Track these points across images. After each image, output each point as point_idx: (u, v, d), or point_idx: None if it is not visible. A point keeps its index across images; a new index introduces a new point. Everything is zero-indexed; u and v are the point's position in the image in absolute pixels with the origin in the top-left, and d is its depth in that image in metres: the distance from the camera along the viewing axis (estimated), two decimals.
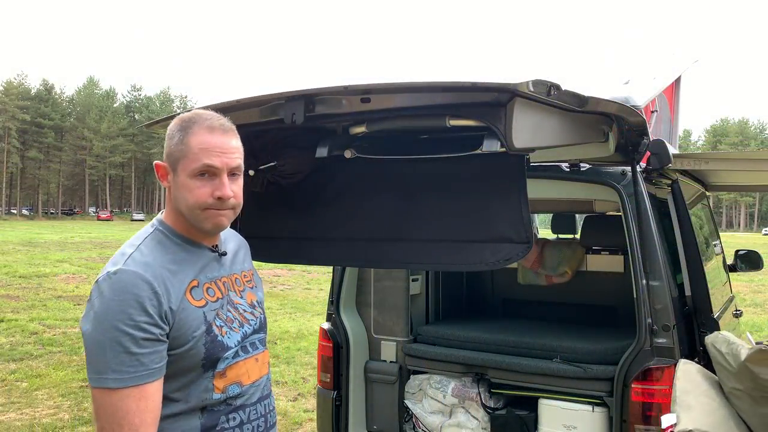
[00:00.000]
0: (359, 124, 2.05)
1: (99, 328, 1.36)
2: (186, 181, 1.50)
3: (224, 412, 1.53)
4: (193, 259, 1.55)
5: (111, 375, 1.34)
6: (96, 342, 1.36)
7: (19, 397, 5.87)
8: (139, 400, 1.35)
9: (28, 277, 14.80)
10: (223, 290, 1.60)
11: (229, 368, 1.54)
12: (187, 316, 1.46)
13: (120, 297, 1.37)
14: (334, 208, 2.41)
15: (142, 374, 1.36)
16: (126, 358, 1.34)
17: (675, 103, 4.29)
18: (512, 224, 2.02)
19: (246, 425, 1.58)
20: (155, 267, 1.45)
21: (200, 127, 1.50)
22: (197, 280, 1.53)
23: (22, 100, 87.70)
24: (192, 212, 1.52)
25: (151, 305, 1.38)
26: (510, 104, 1.72)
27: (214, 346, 1.49)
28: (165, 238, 1.54)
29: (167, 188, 1.56)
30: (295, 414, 5.59)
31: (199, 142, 1.49)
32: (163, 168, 1.54)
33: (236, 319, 1.60)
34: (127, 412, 1.34)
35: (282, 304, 11.95)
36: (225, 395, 1.53)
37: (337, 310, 3.58)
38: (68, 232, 40.45)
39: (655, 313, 2.63)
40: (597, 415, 3.00)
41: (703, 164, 3.11)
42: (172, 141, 1.51)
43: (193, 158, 1.49)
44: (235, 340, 1.56)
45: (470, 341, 3.47)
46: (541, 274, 4.25)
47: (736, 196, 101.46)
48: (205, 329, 1.48)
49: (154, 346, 1.38)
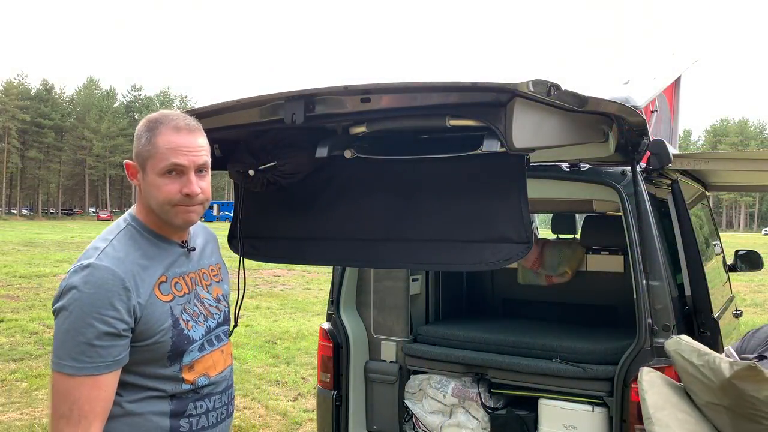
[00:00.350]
0: (359, 124, 2.05)
1: (67, 318, 1.45)
2: (155, 179, 1.58)
3: (192, 399, 1.64)
4: (162, 255, 1.63)
5: (69, 362, 1.43)
6: (61, 330, 1.45)
7: (19, 397, 5.87)
8: (91, 389, 1.44)
9: (28, 277, 14.80)
10: (190, 285, 1.68)
11: (197, 362, 1.64)
12: (155, 311, 1.54)
13: (90, 291, 1.45)
14: (334, 208, 2.41)
15: (98, 365, 1.44)
16: (86, 348, 1.43)
17: (675, 103, 4.29)
18: (512, 224, 2.02)
19: (211, 413, 1.68)
20: (127, 262, 1.53)
21: (167, 128, 1.58)
22: (165, 276, 1.61)
23: (22, 100, 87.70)
24: (162, 208, 1.60)
25: (119, 300, 1.46)
26: (510, 104, 1.72)
27: (180, 339, 1.59)
28: (137, 233, 1.62)
29: (138, 186, 1.64)
30: (295, 414, 5.59)
31: (166, 142, 1.56)
32: (133, 167, 1.61)
33: (202, 313, 1.68)
34: (78, 398, 1.43)
35: (282, 304, 11.95)
36: (194, 386, 1.63)
37: (337, 310, 3.58)
38: (68, 232, 40.46)
39: (655, 313, 2.63)
40: (597, 415, 3.00)
41: (703, 164, 3.11)
42: (140, 141, 1.58)
43: (161, 157, 1.56)
44: (200, 333, 1.66)
45: (470, 341, 3.47)
46: (541, 274, 4.25)
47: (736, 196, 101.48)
48: (171, 323, 1.57)
49: (115, 340, 1.46)
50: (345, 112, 1.95)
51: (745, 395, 1.43)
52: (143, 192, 1.62)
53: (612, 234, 3.85)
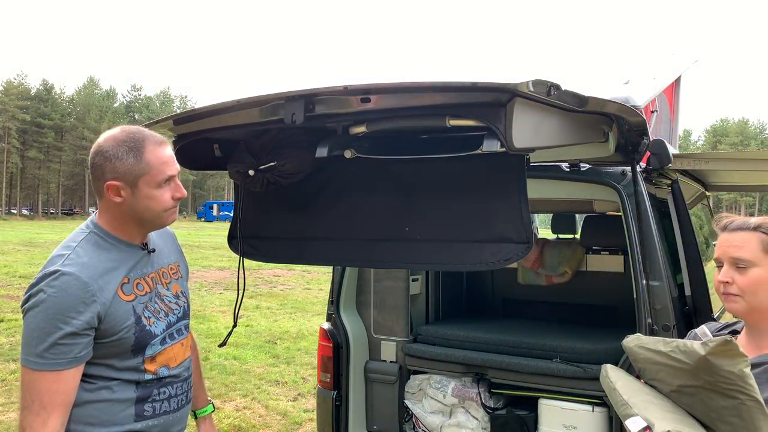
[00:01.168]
0: (359, 124, 2.05)
1: (34, 319, 1.59)
2: (150, 192, 1.72)
3: (156, 386, 1.79)
4: (125, 258, 1.76)
5: (33, 358, 1.59)
6: (28, 329, 1.60)
7: (19, 397, 5.87)
8: (52, 383, 1.59)
9: (28, 277, 14.80)
10: (151, 285, 1.82)
11: (159, 354, 1.79)
12: (118, 310, 1.68)
13: (56, 295, 1.58)
14: (334, 208, 2.41)
15: (60, 362, 1.58)
16: (49, 346, 1.57)
17: (675, 103, 4.29)
18: (512, 224, 2.02)
19: (172, 399, 1.84)
20: (90, 267, 1.65)
21: (152, 144, 1.72)
22: (128, 278, 1.74)
23: (22, 100, 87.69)
24: (158, 215, 1.76)
25: (83, 304, 1.59)
26: (510, 104, 1.72)
27: (143, 335, 1.73)
28: (100, 239, 1.74)
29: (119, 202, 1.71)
30: (295, 414, 5.59)
31: (157, 158, 1.72)
32: (117, 187, 1.70)
33: (162, 309, 1.83)
34: (40, 391, 1.59)
35: (282, 304, 11.95)
36: (156, 376, 1.79)
37: (337, 310, 3.58)
38: (68, 232, 40.06)
39: (655, 313, 2.63)
40: (597, 415, 3.00)
41: (703, 164, 3.11)
42: (125, 161, 1.68)
43: (157, 172, 1.72)
44: (161, 328, 1.80)
45: (470, 341, 3.47)
46: (541, 274, 4.25)
47: (736, 196, 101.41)
48: (134, 320, 1.71)
49: (78, 339, 1.60)
50: (345, 112, 1.94)
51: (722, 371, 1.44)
52: (129, 206, 1.72)
53: (612, 234, 3.86)
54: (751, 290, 1.61)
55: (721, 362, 1.44)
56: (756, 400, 1.44)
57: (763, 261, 1.61)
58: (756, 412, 1.44)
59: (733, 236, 1.67)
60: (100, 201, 1.76)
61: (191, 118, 2.24)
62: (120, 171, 1.69)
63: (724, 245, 1.68)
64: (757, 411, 1.44)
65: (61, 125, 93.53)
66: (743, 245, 1.63)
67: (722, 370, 1.44)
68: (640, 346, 1.69)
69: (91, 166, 1.73)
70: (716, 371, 1.44)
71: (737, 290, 1.63)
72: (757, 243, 1.62)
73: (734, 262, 1.64)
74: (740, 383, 1.43)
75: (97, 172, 1.71)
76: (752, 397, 1.44)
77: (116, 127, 1.77)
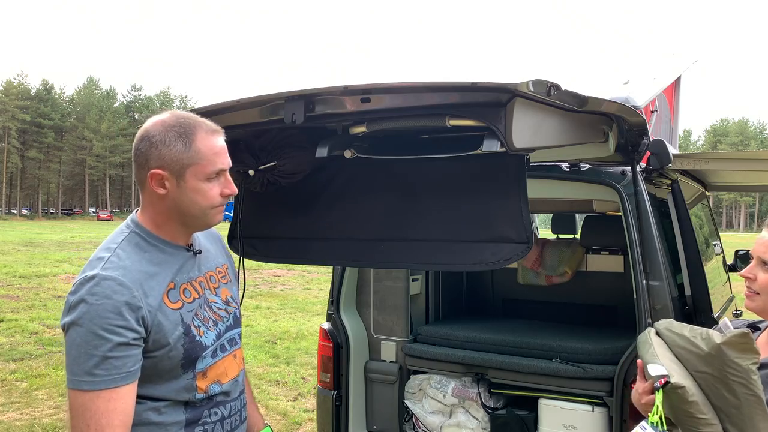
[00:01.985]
0: (359, 124, 2.05)
1: (78, 333, 1.40)
2: (198, 184, 1.53)
3: (207, 407, 1.60)
4: (170, 261, 1.58)
5: (84, 377, 1.38)
6: (73, 345, 1.40)
7: (19, 397, 5.87)
8: (108, 402, 1.39)
9: (28, 277, 14.80)
10: (199, 290, 1.63)
11: (210, 368, 1.59)
12: (165, 319, 1.49)
13: (98, 302, 1.40)
14: (334, 208, 2.41)
15: (114, 377, 1.40)
16: (100, 361, 1.38)
17: (675, 103, 4.29)
18: (512, 224, 2.02)
19: (226, 420, 1.65)
20: (133, 271, 1.47)
21: (204, 132, 1.54)
22: (174, 283, 1.56)
23: (22, 100, 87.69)
24: (204, 213, 1.57)
25: (128, 310, 1.41)
26: (510, 104, 1.72)
27: (193, 346, 1.54)
28: (142, 240, 1.56)
29: (162, 195, 1.54)
30: (295, 414, 5.59)
31: (209, 147, 1.53)
32: (162, 176, 1.52)
33: (211, 318, 1.63)
34: (95, 413, 1.38)
35: (282, 304, 11.94)
36: (207, 394, 1.59)
37: (337, 310, 3.58)
38: (68, 232, 40.46)
39: (655, 313, 2.63)
40: (597, 415, 3.00)
41: (703, 164, 3.11)
42: (172, 148, 1.50)
43: (207, 163, 1.53)
44: (212, 338, 1.61)
45: (470, 341, 3.47)
46: (541, 274, 4.25)
47: (736, 196, 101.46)
48: (183, 331, 1.52)
49: (128, 350, 1.41)
50: (345, 112, 1.94)
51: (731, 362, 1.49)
52: (174, 199, 1.54)
53: (612, 234, 3.85)
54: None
55: (733, 353, 1.48)
56: (757, 396, 1.46)
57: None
58: (755, 408, 1.46)
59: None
60: (143, 194, 1.58)
61: None
62: (166, 159, 1.50)
63: (758, 242, 1.69)
64: (756, 407, 1.46)
65: (61, 125, 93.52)
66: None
67: (732, 361, 1.48)
68: (667, 329, 1.74)
69: (134, 153, 1.54)
70: (726, 361, 1.49)
71: (758, 287, 1.65)
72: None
73: (761, 261, 1.66)
74: (745, 377, 1.47)
75: (140, 159, 1.52)
76: (754, 392, 1.47)
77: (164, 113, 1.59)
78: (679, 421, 1.55)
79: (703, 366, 1.56)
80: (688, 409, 1.50)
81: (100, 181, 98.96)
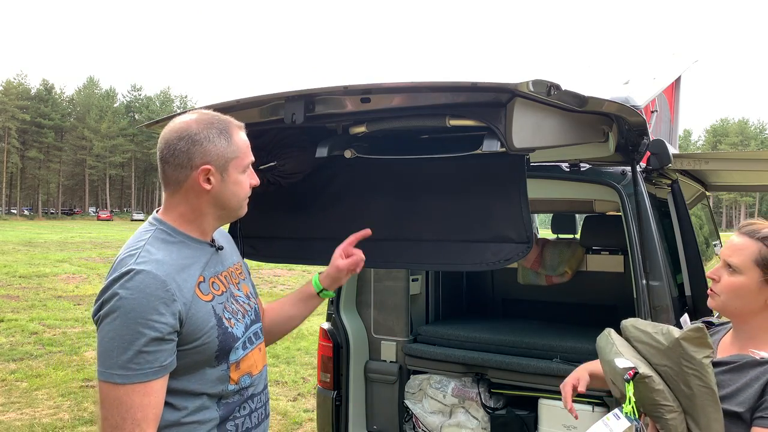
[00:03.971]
0: (359, 124, 2.05)
1: (112, 326, 1.41)
2: (238, 177, 1.61)
3: (238, 402, 1.63)
4: (197, 255, 1.60)
5: (118, 371, 1.39)
6: (106, 338, 1.41)
7: (19, 397, 5.87)
8: (143, 396, 1.40)
9: (28, 277, 14.80)
10: (225, 284, 1.66)
11: (242, 360, 1.63)
12: (198, 311, 1.51)
13: (133, 296, 1.41)
14: (334, 208, 2.41)
15: (147, 371, 1.41)
16: (134, 356, 1.39)
17: (675, 103, 4.29)
18: (512, 224, 2.02)
19: (253, 414, 1.68)
20: (165, 265, 1.48)
21: (236, 127, 1.62)
22: (203, 276, 1.58)
23: (22, 100, 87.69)
24: (240, 204, 1.65)
25: (163, 304, 1.43)
26: (510, 104, 1.72)
27: (226, 338, 1.57)
28: (168, 236, 1.57)
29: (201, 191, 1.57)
30: (295, 414, 5.59)
31: (242, 141, 1.62)
32: (208, 171, 1.55)
33: (239, 310, 1.67)
34: (131, 407, 1.40)
35: None
36: (239, 386, 1.62)
37: (337, 310, 3.58)
38: (68, 232, 40.45)
39: (655, 313, 2.63)
40: (597, 415, 3.00)
41: (703, 164, 3.11)
42: (217, 144, 1.55)
43: (243, 156, 1.61)
44: (241, 330, 1.64)
45: (470, 341, 3.47)
46: (541, 274, 4.25)
47: (736, 196, 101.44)
48: (215, 322, 1.55)
49: (163, 344, 1.43)
50: (345, 112, 1.94)
51: (687, 355, 1.57)
52: (216, 194, 1.59)
53: (612, 234, 3.85)
54: (729, 293, 1.67)
55: (690, 347, 1.57)
56: (710, 388, 1.55)
57: (750, 271, 1.64)
58: (708, 399, 1.55)
59: (738, 239, 1.71)
60: (177, 193, 1.59)
61: None
62: (212, 154, 1.55)
63: (727, 245, 1.73)
64: (708, 398, 1.55)
65: (61, 125, 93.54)
66: (741, 250, 1.67)
67: (688, 355, 1.57)
68: (632, 326, 1.82)
69: (171, 154, 1.54)
70: (683, 354, 1.58)
71: (719, 289, 1.70)
72: (753, 252, 1.65)
73: (726, 264, 1.69)
74: (699, 370, 1.56)
75: (181, 158, 1.53)
76: (707, 384, 1.55)
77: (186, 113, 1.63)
78: (647, 409, 1.64)
79: (663, 360, 1.65)
80: (655, 397, 1.59)
81: (100, 181, 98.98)
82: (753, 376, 1.58)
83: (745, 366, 1.61)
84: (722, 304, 1.70)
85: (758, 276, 1.62)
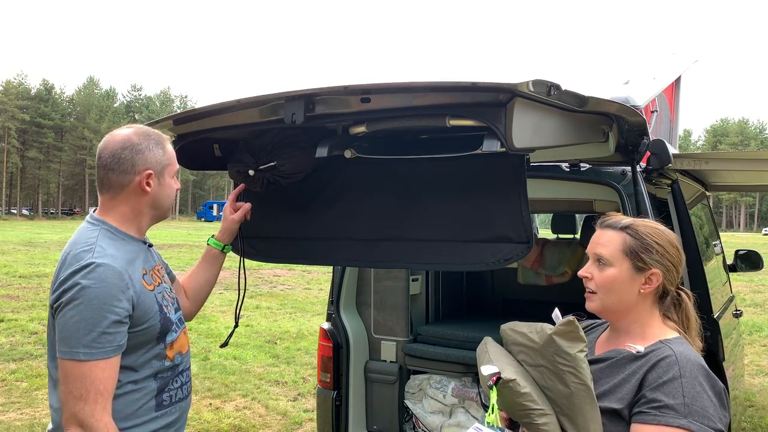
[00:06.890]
0: (359, 124, 2.05)
1: (77, 310, 1.62)
2: (170, 182, 1.90)
3: (171, 376, 1.88)
4: (137, 251, 1.85)
5: (82, 349, 1.62)
6: (70, 322, 1.63)
7: (19, 397, 5.87)
8: (103, 370, 1.64)
9: (28, 277, 14.81)
10: (158, 277, 1.92)
11: (176, 341, 1.90)
12: (146, 299, 1.76)
13: (97, 286, 1.63)
14: (334, 208, 2.41)
15: (107, 350, 1.64)
16: (97, 336, 1.62)
17: (675, 103, 4.29)
18: (512, 224, 2.02)
19: (183, 387, 1.94)
20: (119, 259, 1.72)
21: (165, 140, 1.91)
22: (145, 269, 1.84)
23: (22, 100, 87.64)
24: (170, 205, 1.93)
25: (121, 291, 1.67)
26: (510, 104, 1.72)
27: (165, 322, 1.84)
28: (112, 234, 1.81)
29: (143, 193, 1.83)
30: (295, 414, 5.59)
31: (172, 151, 1.92)
32: (149, 176, 1.82)
33: (169, 299, 1.93)
34: (94, 380, 1.62)
35: (282, 304, 11.95)
36: (173, 363, 1.88)
37: (337, 310, 3.58)
38: (68, 232, 40.43)
39: None
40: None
41: (703, 164, 3.11)
42: (155, 152, 1.84)
43: (174, 163, 1.92)
44: (174, 316, 1.92)
45: (470, 341, 3.47)
46: (541, 274, 4.25)
47: (736, 196, 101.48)
48: (158, 308, 1.81)
49: (120, 326, 1.67)
50: (345, 112, 1.95)
51: (560, 351, 1.54)
52: (154, 196, 1.86)
53: None
54: (603, 288, 1.64)
55: (562, 342, 1.55)
56: (586, 385, 1.51)
57: (620, 262, 1.63)
58: (584, 397, 1.50)
59: (602, 233, 1.69)
60: (118, 196, 1.83)
61: (191, 118, 2.24)
62: (151, 162, 1.82)
63: (593, 241, 1.71)
64: (585, 396, 1.50)
65: (61, 125, 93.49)
66: (608, 243, 1.66)
67: (561, 351, 1.54)
68: (510, 328, 1.78)
69: (115, 161, 1.79)
70: (557, 350, 1.55)
71: (594, 287, 1.67)
72: (619, 243, 1.64)
73: (596, 258, 1.67)
74: (574, 365, 1.52)
75: (124, 165, 1.79)
76: (582, 381, 1.51)
77: (123, 127, 1.88)
78: (517, 415, 1.60)
79: (539, 359, 1.62)
80: (522, 402, 1.56)
81: None
82: (630, 371, 1.55)
83: (622, 361, 1.59)
84: (600, 303, 1.66)
85: (628, 265, 1.61)
